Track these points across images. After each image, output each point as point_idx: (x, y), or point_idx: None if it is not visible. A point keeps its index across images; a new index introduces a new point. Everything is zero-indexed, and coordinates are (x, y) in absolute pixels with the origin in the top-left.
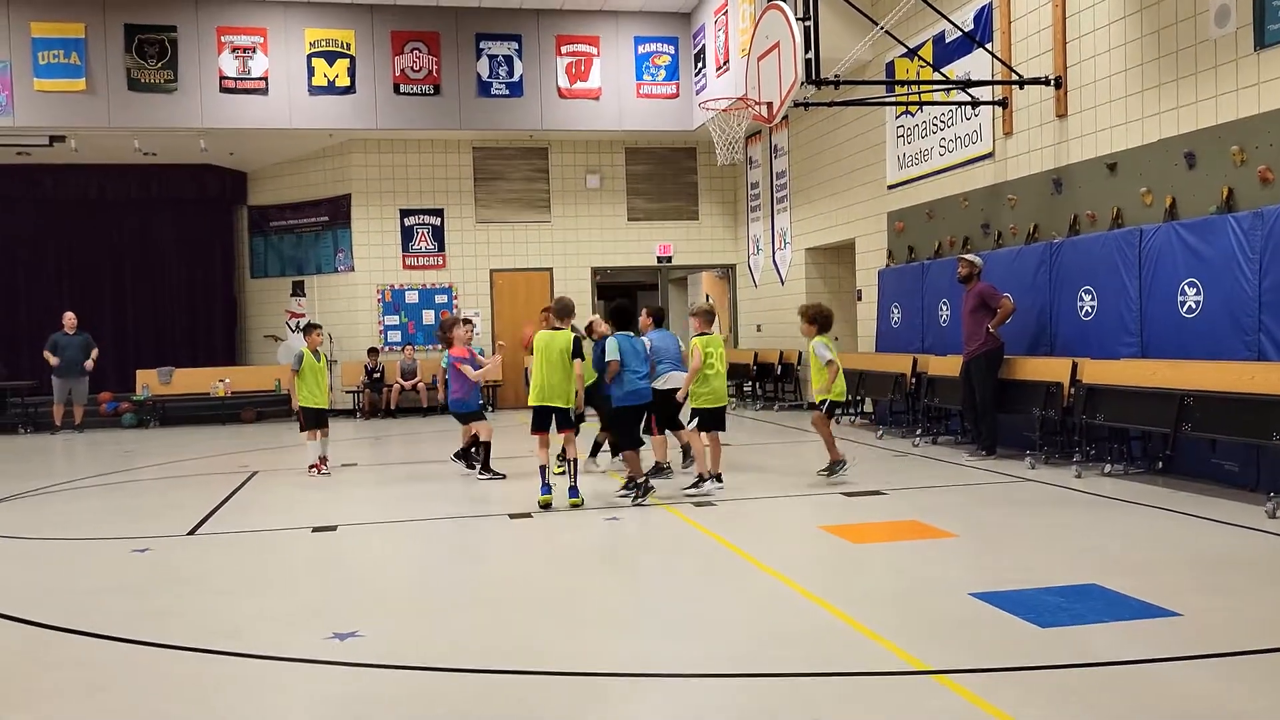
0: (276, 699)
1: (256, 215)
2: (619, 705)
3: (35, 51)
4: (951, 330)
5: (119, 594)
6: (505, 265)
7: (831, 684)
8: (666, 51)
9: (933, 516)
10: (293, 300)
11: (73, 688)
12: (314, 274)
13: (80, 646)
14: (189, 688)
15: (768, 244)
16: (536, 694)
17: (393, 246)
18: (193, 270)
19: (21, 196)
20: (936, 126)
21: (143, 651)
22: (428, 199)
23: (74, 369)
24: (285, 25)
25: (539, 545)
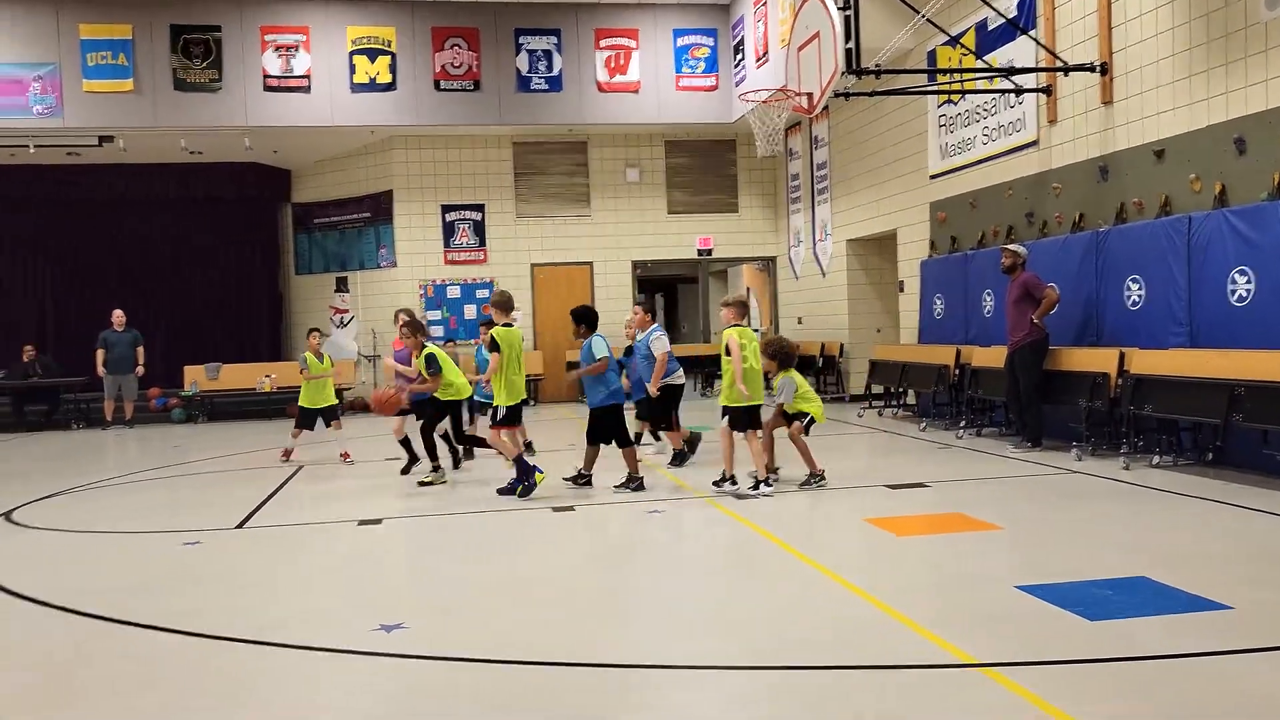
0: (325, 690)
1: (300, 212)
2: (662, 696)
3: (84, 53)
4: (995, 321)
5: (170, 587)
6: (546, 260)
7: (877, 676)
8: (706, 43)
9: (977, 509)
10: (336, 296)
11: (124, 679)
12: (357, 270)
13: (132, 638)
14: (239, 679)
15: (808, 236)
16: (580, 686)
17: (435, 242)
18: (238, 267)
19: (71, 197)
20: (979, 115)
21: (193, 643)
22: (468, 194)
23: (124, 366)
24: (327, 23)
25: (581, 538)
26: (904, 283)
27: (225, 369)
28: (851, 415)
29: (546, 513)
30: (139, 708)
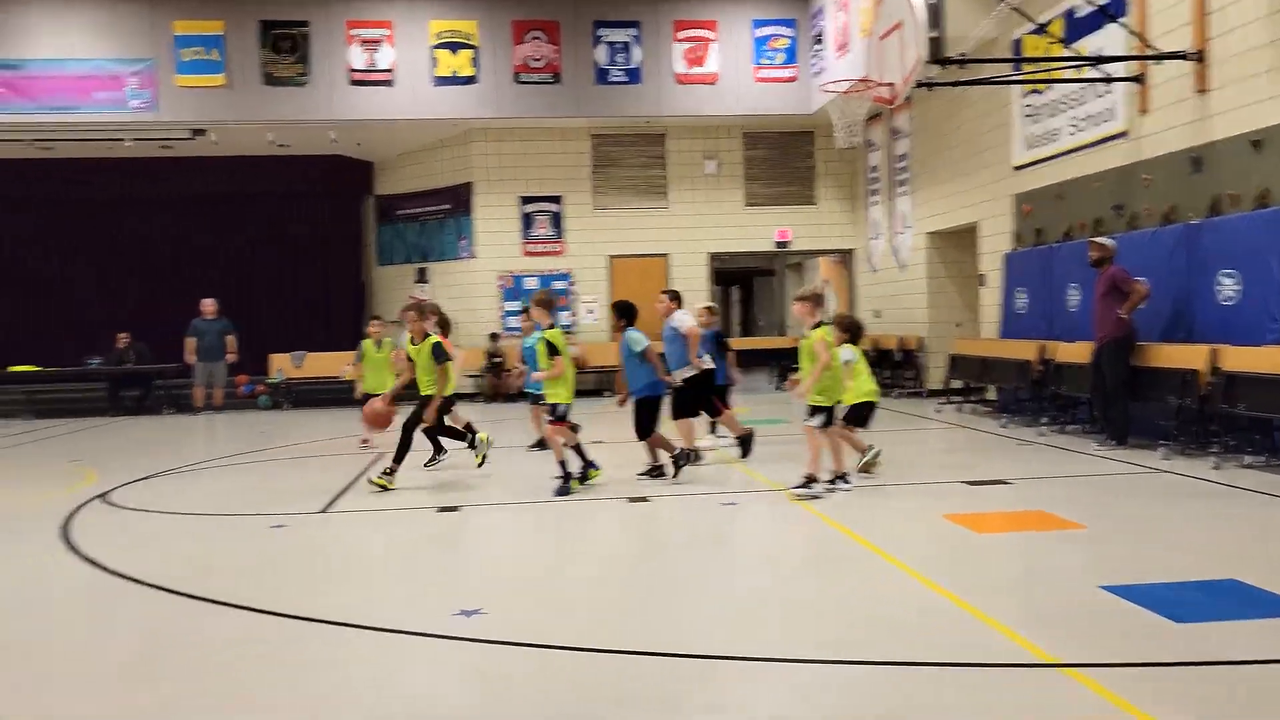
0: (406, 672)
1: (383, 204)
2: (736, 688)
3: (178, 49)
4: (1081, 316)
5: (258, 568)
6: (622, 251)
7: (957, 674)
8: (785, 34)
9: (1060, 507)
10: (417, 287)
11: (213, 656)
12: (437, 261)
13: (221, 617)
14: (323, 659)
15: (887, 228)
16: (655, 673)
17: (513, 233)
18: (323, 258)
19: (164, 190)
20: (1066, 105)
21: (279, 623)
22: (547, 186)
23: (213, 353)
24: (410, 18)
25: (657, 528)
26: (985, 276)
27: (309, 357)
28: (930, 410)
29: (622, 503)
30: (227, 684)
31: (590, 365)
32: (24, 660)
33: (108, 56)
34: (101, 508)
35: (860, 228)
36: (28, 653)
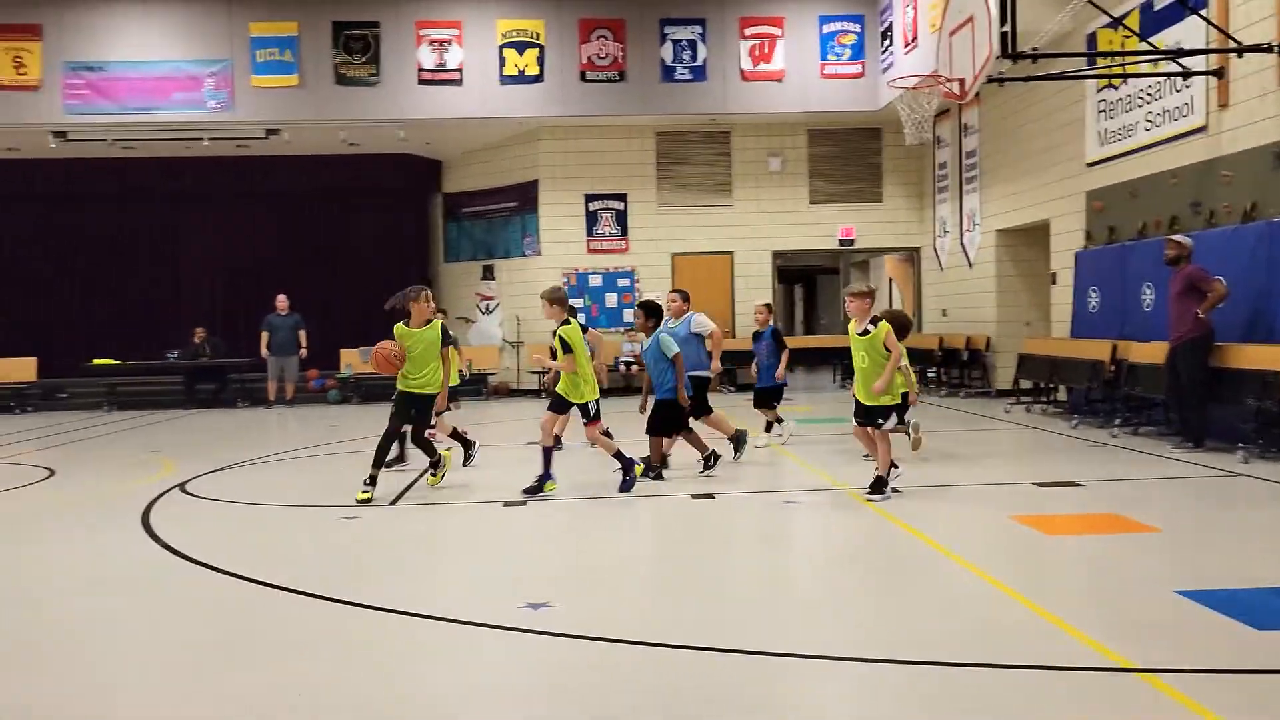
0: (474, 664)
1: (450, 202)
2: (805, 685)
3: (253, 50)
4: (1155, 315)
5: (330, 558)
6: (686, 249)
7: (1029, 677)
8: (852, 30)
9: (1134, 510)
10: (483, 283)
11: (287, 644)
12: (503, 258)
13: (295, 606)
14: (393, 648)
15: (955, 226)
16: (722, 671)
17: (578, 231)
18: (392, 255)
19: (239, 187)
20: (1143, 100)
21: (351, 612)
22: (611, 184)
23: (286, 348)
24: (479, 17)
25: (721, 526)
26: (1057, 274)
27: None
28: (998, 411)
29: (686, 500)
30: (302, 671)
31: None
32: (105, 642)
33: (187, 58)
34: (180, 497)
35: (927, 225)
36: (109, 634)
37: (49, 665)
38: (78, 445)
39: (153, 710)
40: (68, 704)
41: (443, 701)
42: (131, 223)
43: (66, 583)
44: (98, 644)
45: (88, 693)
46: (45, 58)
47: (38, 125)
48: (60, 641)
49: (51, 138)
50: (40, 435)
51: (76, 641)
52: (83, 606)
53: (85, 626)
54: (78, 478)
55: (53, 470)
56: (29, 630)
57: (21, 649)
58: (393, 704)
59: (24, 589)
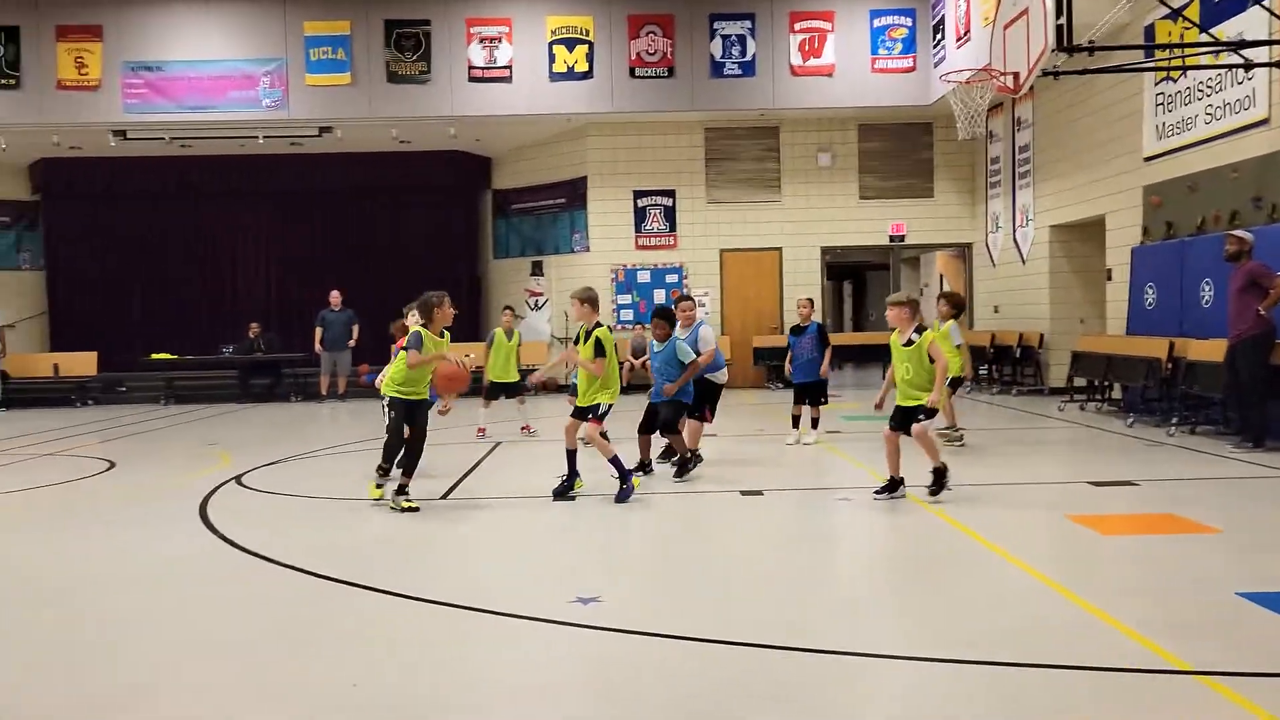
0: (524, 656)
1: (499, 198)
2: (856, 683)
3: (307, 48)
4: (1214, 312)
5: (382, 550)
6: (735, 245)
7: (1085, 677)
8: (903, 24)
9: (1191, 509)
10: (532, 279)
11: (341, 633)
12: (552, 254)
13: (348, 597)
14: (445, 640)
15: (1008, 221)
16: (773, 667)
17: (626, 227)
18: (442, 251)
19: (293, 184)
20: (1202, 92)
21: (402, 604)
22: (660, 180)
23: (339, 343)
24: (529, 15)
25: (770, 523)
26: (1112, 270)
27: None
28: (1051, 409)
29: (735, 496)
30: (355, 660)
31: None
32: (164, 630)
33: (242, 57)
34: (236, 489)
35: (979, 221)
36: (168, 623)
37: (109, 652)
38: (137, 438)
39: (210, 697)
40: (127, 691)
41: (492, 694)
42: (188, 220)
43: (127, 572)
44: (157, 632)
45: (147, 679)
46: (105, 58)
47: (98, 124)
48: (120, 629)
49: (111, 136)
50: (100, 428)
51: (136, 630)
52: (142, 596)
53: (145, 615)
54: (137, 470)
55: (113, 462)
56: (90, 618)
57: (83, 637)
58: (442, 695)
59: (86, 578)
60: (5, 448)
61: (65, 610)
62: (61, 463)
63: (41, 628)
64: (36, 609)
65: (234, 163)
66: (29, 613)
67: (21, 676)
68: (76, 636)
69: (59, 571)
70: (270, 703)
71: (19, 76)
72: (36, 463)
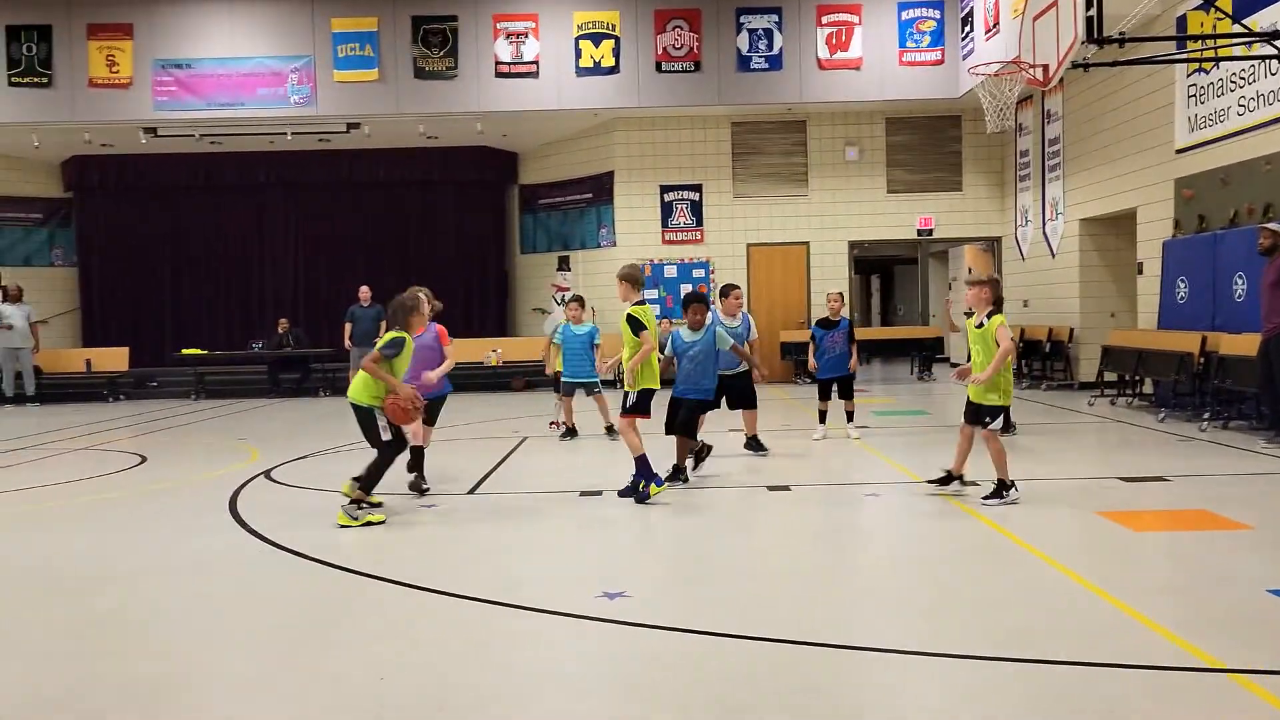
0: (553, 651)
1: (526, 193)
2: (887, 679)
3: (335, 45)
4: (1248, 306)
5: (409, 545)
6: (762, 240)
7: (1115, 675)
8: (932, 16)
9: (1224, 506)
10: (559, 275)
11: (371, 628)
12: (578, 249)
13: (376, 591)
14: (474, 635)
15: (1037, 215)
16: (800, 663)
17: (653, 222)
18: (470, 246)
19: (321, 181)
20: (1235, 84)
21: (430, 598)
22: (686, 175)
23: (368, 339)
24: (555, 10)
25: (797, 518)
26: (1143, 264)
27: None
28: (1081, 404)
29: (762, 491)
30: (382, 653)
31: None
32: (195, 623)
33: (271, 54)
34: (265, 484)
35: (1008, 215)
36: (198, 616)
37: (142, 644)
38: (168, 433)
39: (239, 689)
40: (160, 681)
41: (518, 687)
42: (218, 216)
43: (158, 565)
44: (188, 625)
45: (177, 671)
46: (136, 56)
47: (129, 121)
48: (154, 621)
49: (142, 134)
50: (132, 423)
51: (168, 622)
52: (174, 589)
53: (176, 608)
54: (168, 464)
55: (144, 456)
56: (124, 610)
57: (116, 628)
58: (468, 688)
59: (119, 571)
60: (38, 442)
61: (95, 604)
62: (93, 457)
63: (72, 621)
64: (67, 602)
65: (263, 159)
66: (60, 606)
67: (54, 667)
68: (107, 630)
69: (90, 565)
70: (299, 695)
71: (51, 75)
72: (69, 457)
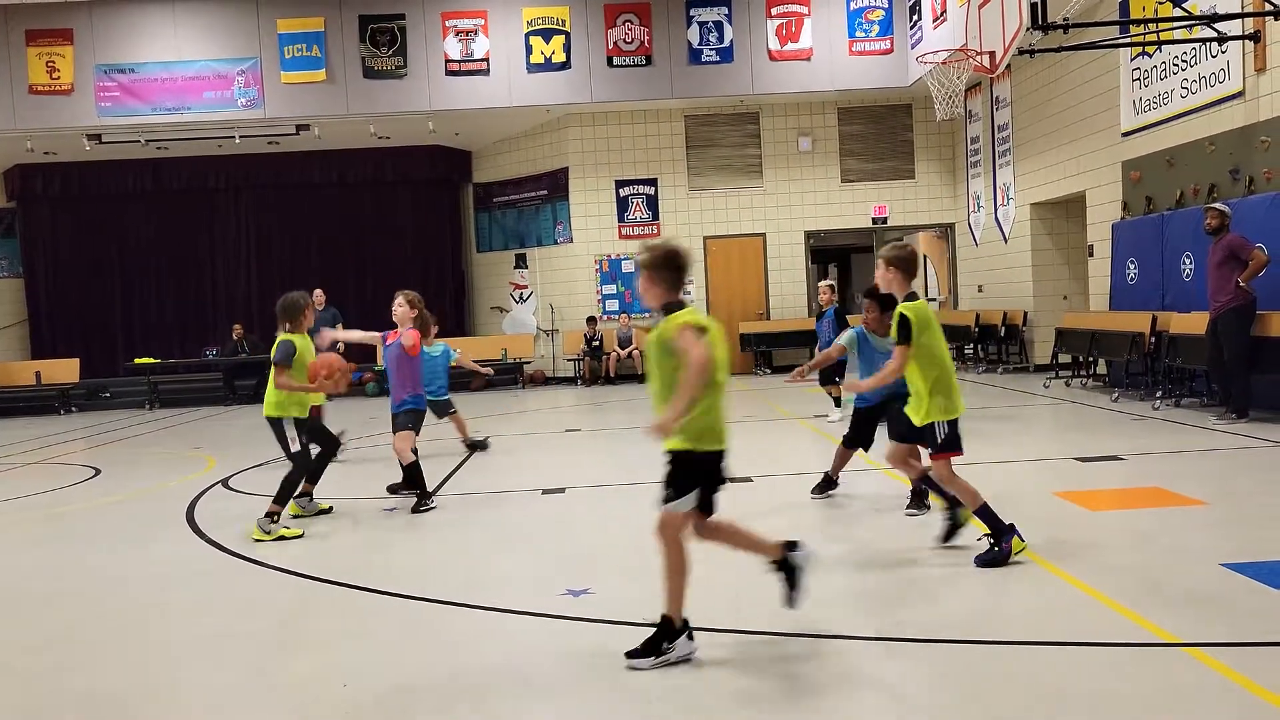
0: (516, 649)
1: (480, 192)
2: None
3: (281, 46)
4: (1195, 285)
5: (371, 550)
6: (718, 232)
7: (1073, 652)
8: (880, 6)
9: (1177, 483)
10: (516, 273)
11: (336, 632)
12: (535, 246)
13: (340, 597)
14: (436, 636)
15: (989, 200)
16: (760, 653)
17: (609, 217)
18: (425, 246)
19: (272, 183)
20: (1178, 66)
21: (395, 602)
22: (641, 169)
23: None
24: (504, 6)
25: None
26: (1094, 247)
27: None
28: (1037, 386)
29: None
30: (345, 660)
31: None
32: (156, 634)
33: (216, 57)
34: (223, 492)
35: (961, 201)
36: (159, 627)
37: (105, 656)
38: (122, 444)
39: (201, 698)
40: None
41: (482, 688)
42: (167, 222)
43: (117, 578)
44: (149, 636)
45: (142, 684)
46: (77, 61)
47: (72, 128)
48: (115, 634)
49: (86, 140)
50: (85, 435)
51: (129, 634)
52: (133, 601)
53: (137, 620)
54: (123, 476)
55: (98, 469)
56: (85, 624)
57: (79, 642)
58: (433, 691)
59: (77, 585)
60: None
61: (54, 619)
62: (46, 471)
63: (31, 637)
64: (26, 618)
65: (212, 163)
66: (18, 622)
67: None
68: (72, 643)
69: (47, 580)
70: (261, 704)
71: None
72: (21, 472)
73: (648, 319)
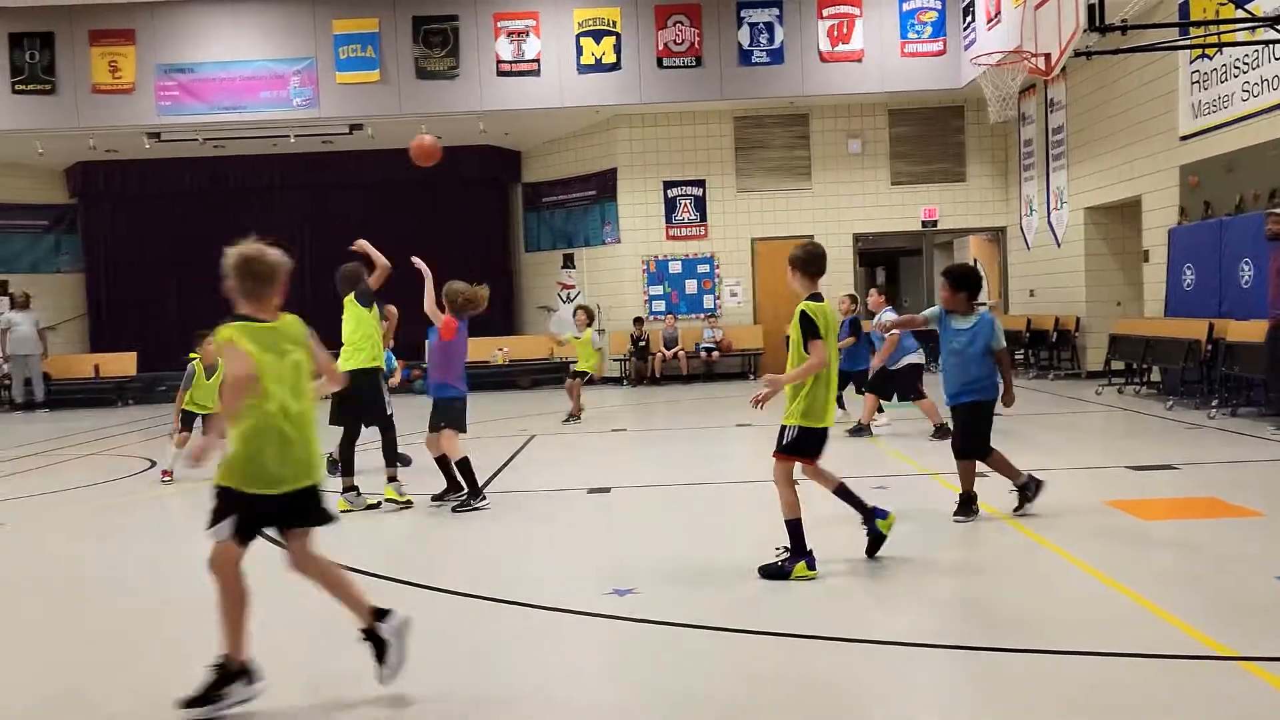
0: (563, 647)
1: (530, 192)
2: (899, 672)
3: (336, 47)
4: (1255, 292)
5: (422, 545)
6: (766, 234)
7: (1125, 664)
8: (933, 7)
9: (1233, 493)
10: (563, 272)
11: None
12: (583, 246)
13: (391, 591)
14: (480, 633)
15: (1042, 204)
16: (808, 656)
17: (656, 218)
18: (474, 246)
19: (325, 182)
20: (1239, 69)
21: (437, 597)
22: (690, 170)
23: None
24: (555, 8)
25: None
26: (1149, 252)
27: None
28: (1089, 393)
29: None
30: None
31: (735, 349)
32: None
33: (273, 57)
34: None
35: (1013, 204)
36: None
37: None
38: None
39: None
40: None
41: (526, 686)
42: (223, 219)
43: (168, 568)
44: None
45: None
46: (139, 61)
47: (133, 127)
48: (166, 624)
49: (146, 139)
50: (141, 427)
51: (179, 625)
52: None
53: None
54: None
55: (154, 461)
56: (132, 614)
57: (130, 631)
58: (476, 688)
59: (128, 576)
60: (48, 448)
61: (109, 607)
62: (103, 462)
63: (85, 624)
64: (81, 606)
65: (267, 162)
66: (74, 610)
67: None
68: (119, 631)
69: (102, 569)
70: (304, 695)
71: (55, 82)
72: (79, 463)
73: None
